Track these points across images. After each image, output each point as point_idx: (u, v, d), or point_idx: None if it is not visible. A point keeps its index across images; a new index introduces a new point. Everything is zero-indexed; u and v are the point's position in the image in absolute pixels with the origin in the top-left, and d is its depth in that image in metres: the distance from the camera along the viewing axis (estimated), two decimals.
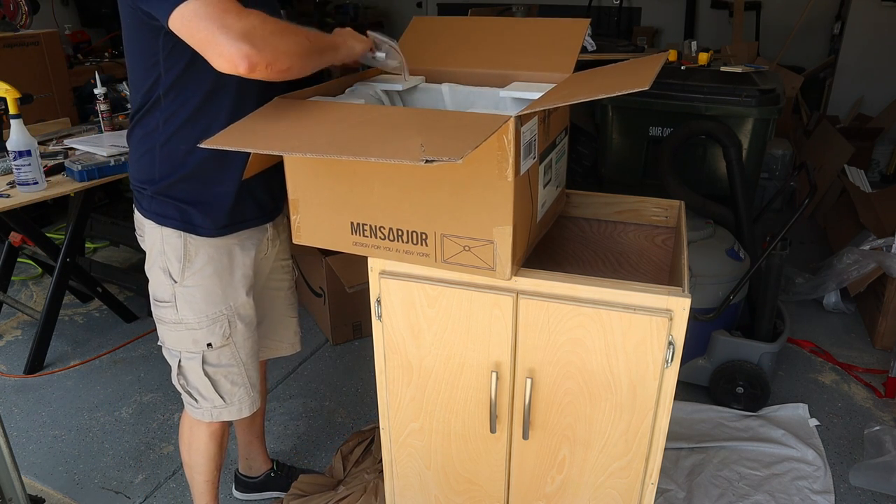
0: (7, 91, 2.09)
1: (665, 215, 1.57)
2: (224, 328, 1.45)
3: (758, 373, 2.30)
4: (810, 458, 2.12)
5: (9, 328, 3.00)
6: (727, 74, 2.76)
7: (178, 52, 1.20)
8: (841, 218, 3.54)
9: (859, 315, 3.01)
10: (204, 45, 1.05)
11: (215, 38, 1.03)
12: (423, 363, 1.30)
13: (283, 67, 1.08)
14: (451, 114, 1.13)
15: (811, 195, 2.18)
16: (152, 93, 1.26)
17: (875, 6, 4.94)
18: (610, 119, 2.78)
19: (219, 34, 1.03)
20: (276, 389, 2.54)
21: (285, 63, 1.08)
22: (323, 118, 1.11)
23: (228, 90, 1.28)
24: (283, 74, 1.10)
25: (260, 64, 1.04)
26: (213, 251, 1.40)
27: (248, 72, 1.05)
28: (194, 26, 1.05)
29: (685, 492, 2.00)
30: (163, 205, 1.35)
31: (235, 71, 1.05)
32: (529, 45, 1.47)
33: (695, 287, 2.28)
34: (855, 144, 3.91)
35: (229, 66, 1.05)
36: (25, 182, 2.14)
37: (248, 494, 2.02)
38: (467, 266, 1.16)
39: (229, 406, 1.53)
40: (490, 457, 1.35)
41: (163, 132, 1.29)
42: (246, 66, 1.04)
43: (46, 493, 2.04)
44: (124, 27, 1.26)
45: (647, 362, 1.15)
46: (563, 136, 1.42)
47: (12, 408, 2.45)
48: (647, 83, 0.97)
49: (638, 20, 6.32)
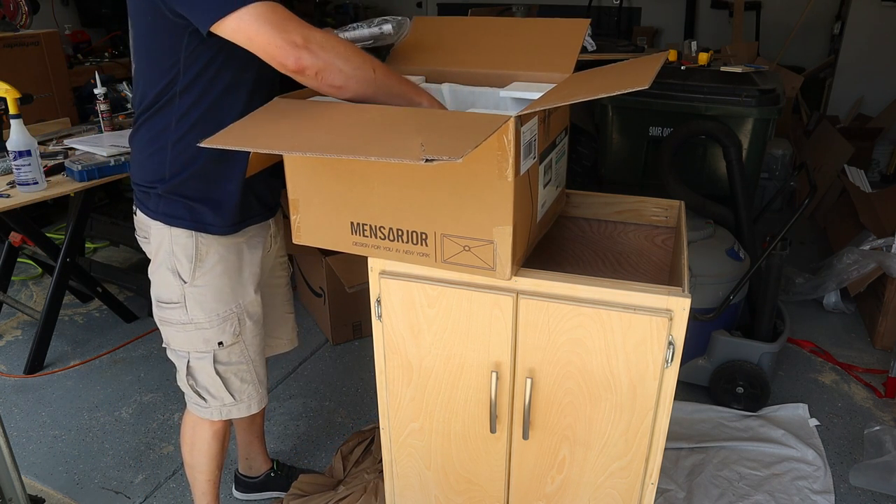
0: (7, 91, 2.10)
1: (665, 215, 1.57)
2: (234, 326, 1.45)
3: (758, 373, 2.30)
4: (810, 458, 2.12)
5: (9, 328, 3.00)
6: (727, 74, 2.76)
7: (200, 52, 1.22)
8: (841, 218, 3.54)
9: (859, 315, 3.01)
10: (262, 47, 1.10)
11: (274, 40, 1.08)
12: (423, 363, 1.30)
13: (334, 83, 1.12)
14: (451, 113, 1.13)
15: (811, 195, 2.19)
16: (167, 91, 1.27)
17: (875, 6, 4.94)
18: (610, 119, 2.77)
19: (278, 37, 1.08)
20: (276, 389, 2.54)
21: (338, 79, 1.12)
22: (323, 118, 1.11)
23: (241, 89, 1.29)
24: (336, 91, 1.14)
25: (310, 68, 1.09)
26: (223, 250, 1.41)
27: (297, 71, 1.09)
28: (252, 30, 1.09)
29: (685, 492, 2.00)
30: (172, 204, 1.35)
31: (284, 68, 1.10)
32: (529, 45, 1.46)
33: (695, 287, 2.28)
34: (855, 144, 3.91)
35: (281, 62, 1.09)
36: (25, 182, 2.14)
37: (248, 494, 2.02)
38: (467, 266, 1.16)
39: (239, 403, 1.54)
40: (490, 457, 1.35)
41: (175, 130, 1.29)
42: (295, 65, 1.09)
43: (46, 493, 2.04)
44: (139, 24, 1.26)
45: (647, 362, 1.15)
46: (563, 136, 1.42)
47: (12, 408, 2.45)
48: (647, 82, 0.97)
49: (638, 20, 6.32)
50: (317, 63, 1.09)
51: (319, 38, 1.10)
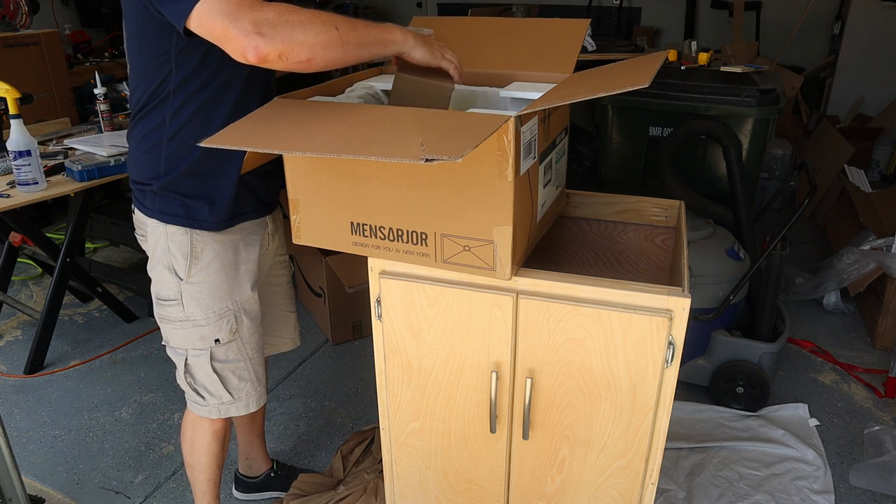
0: (7, 91, 2.10)
1: (665, 215, 1.57)
2: (231, 323, 1.46)
3: (758, 373, 2.30)
4: (810, 458, 2.12)
5: (9, 328, 3.00)
6: (727, 74, 2.76)
7: (191, 49, 1.22)
8: (841, 218, 3.54)
9: (859, 315, 3.01)
10: (221, 39, 1.07)
11: (228, 31, 1.04)
12: (423, 363, 1.30)
13: (301, 58, 1.07)
14: (451, 113, 1.13)
15: (811, 195, 2.18)
16: (161, 89, 1.27)
17: (875, 6, 4.94)
18: (610, 119, 2.77)
19: (231, 27, 1.04)
20: (276, 389, 2.54)
21: (303, 53, 1.06)
22: (323, 118, 1.10)
23: (234, 86, 1.30)
24: (305, 66, 1.08)
25: (271, 54, 1.04)
26: (218, 247, 1.41)
27: (260, 61, 1.05)
28: (210, 23, 1.06)
29: (685, 492, 2.00)
30: (167, 202, 1.36)
31: (247, 60, 1.05)
32: (529, 45, 1.47)
33: (695, 287, 2.28)
34: (855, 144, 3.90)
35: (241, 56, 1.05)
36: (25, 182, 2.14)
37: (247, 494, 2.02)
38: (467, 266, 1.16)
39: (237, 401, 1.54)
40: (490, 457, 1.35)
41: (170, 127, 1.30)
42: (255, 56, 1.04)
43: (46, 493, 2.04)
44: (131, 24, 1.27)
45: (646, 362, 1.15)
46: (563, 136, 1.42)
47: (12, 408, 2.45)
48: (647, 81, 0.97)
49: (638, 20, 6.32)
50: (275, 46, 1.04)
51: (271, 17, 1.04)
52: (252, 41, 1.03)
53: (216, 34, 1.07)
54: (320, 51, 1.08)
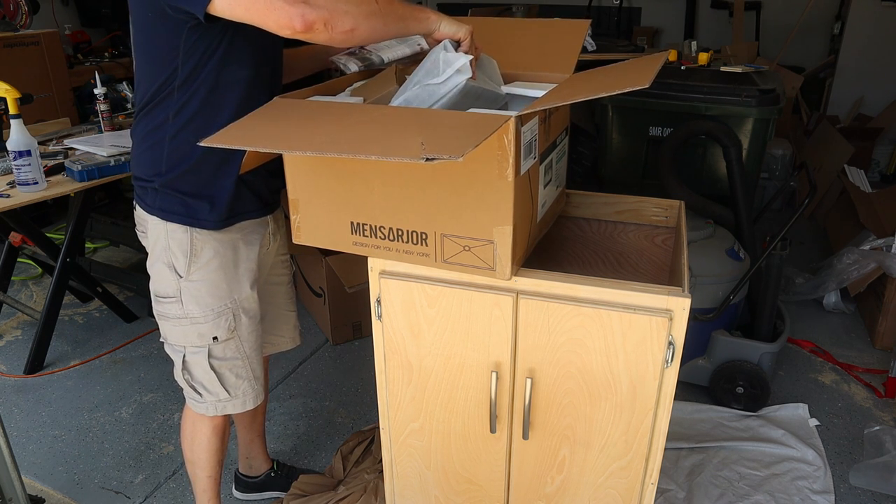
0: (7, 91, 2.10)
1: (665, 215, 1.57)
2: (229, 321, 1.46)
3: (758, 373, 2.30)
4: (810, 458, 2.12)
5: (9, 328, 3.00)
6: (727, 74, 2.76)
7: (198, 47, 1.22)
8: (841, 218, 3.54)
9: (859, 315, 3.01)
10: (262, 13, 1.06)
11: (270, 2, 1.04)
12: (423, 363, 1.30)
13: (345, 28, 1.07)
14: (452, 113, 1.13)
15: (811, 195, 2.18)
16: (167, 86, 1.27)
17: (875, 6, 4.93)
18: (610, 119, 2.77)
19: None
20: (277, 389, 2.54)
21: (347, 23, 1.07)
22: (323, 117, 1.10)
23: (239, 86, 1.30)
24: (348, 36, 1.08)
25: (317, 22, 1.04)
26: (218, 245, 1.41)
27: (306, 29, 1.05)
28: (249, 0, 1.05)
29: (685, 492, 2.00)
30: (168, 199, 1.36)
31: (293, 30, 1.05)
32: (530, 45, 1.47)
33: (695, 287, 2.28)
34: (855, 144, 3.90)
35: (287, 25, 1.05)
36: (25, 182, 2.14)
37: (248, 494, 2.02)
38: (467, 266, 1.16)
39: (234, 399, 1.54)
40: (490, 457, 1.35)
41: (173, 124, 1.30)
42: (302, 23, 1.04)
43: (46, 493, 2.04)
44: (139, 21, 1.27)
45: (646, 362, 1.15)
46: (563, 137, 1.42)
47: (12, 408, 2.45)
48: (647, 81, 0.97)
49: (638, 20, 6.32)
50: (322, 13, 1.04)
51: None
52: (299, 9, 1.03)
53: (255, 11, 1.06)
54: (363, 21, 1.09)
